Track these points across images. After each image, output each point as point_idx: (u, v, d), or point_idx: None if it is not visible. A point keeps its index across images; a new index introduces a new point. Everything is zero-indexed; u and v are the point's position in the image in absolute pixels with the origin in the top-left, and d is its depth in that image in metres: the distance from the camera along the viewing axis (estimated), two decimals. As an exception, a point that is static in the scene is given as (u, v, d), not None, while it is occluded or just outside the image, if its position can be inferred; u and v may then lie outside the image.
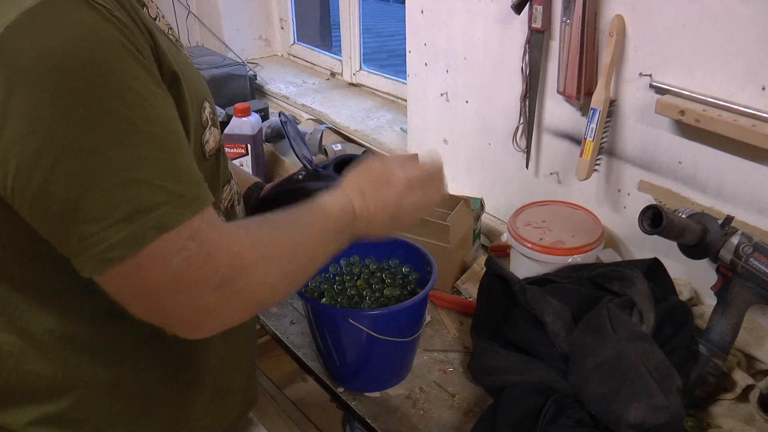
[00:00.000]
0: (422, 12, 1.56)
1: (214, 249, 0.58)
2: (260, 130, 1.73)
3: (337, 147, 1.83)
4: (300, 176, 0.97)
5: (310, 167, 0.97)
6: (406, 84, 1.74)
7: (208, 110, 0.71)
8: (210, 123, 0.71)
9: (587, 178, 1.26)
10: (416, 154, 0.83)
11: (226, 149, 1.64)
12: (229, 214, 0.81)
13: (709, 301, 1.18)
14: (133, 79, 0.54)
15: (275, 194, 0.97)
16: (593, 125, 1.22)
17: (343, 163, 0.99)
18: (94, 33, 0.52)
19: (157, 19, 0.69)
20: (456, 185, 1.66)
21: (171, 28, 0.73)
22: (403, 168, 0.80)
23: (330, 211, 0.74)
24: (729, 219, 1.02)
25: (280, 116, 1.02)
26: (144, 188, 0.54)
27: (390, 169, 0.79)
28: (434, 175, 0.83)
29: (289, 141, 0.97)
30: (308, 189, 0.95)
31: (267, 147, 1.80)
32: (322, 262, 0.73)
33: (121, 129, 0.53)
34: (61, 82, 0.51)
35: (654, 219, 0.98)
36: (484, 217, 1.52)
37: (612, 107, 1.22)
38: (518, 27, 1.33)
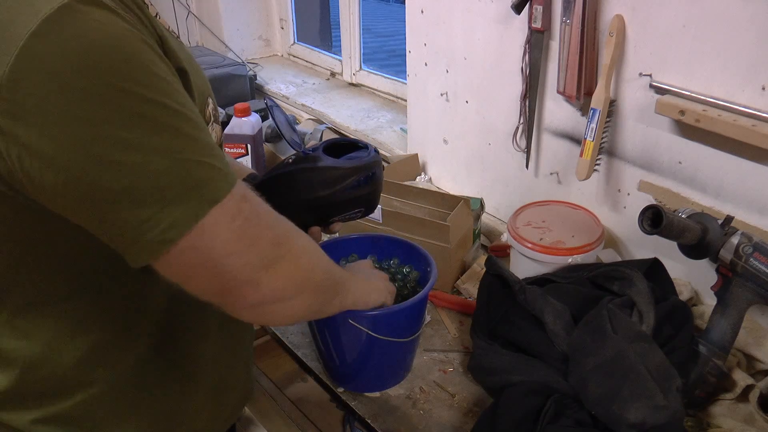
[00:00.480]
0: (422, 12, 1.56)
1: (262, 210, 0.65)
2: (260, 130, 1.73)
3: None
4: (290, 160, 0.97)
5: (299, 151, 0.96)
6: (406, 84, 1.74)
7: (211, 106, 0.73)
8: (212, 119, 0.73)
9: (587, 178, 1.26)
10: None
11: (226, 149, 1.66)
12: None
13: (709, 301, 1.18)
14: (158, 68, 0.57)
15: (268, 179, 0.96)
16: (593, 125, 1.22)
17: (332, 147, 0.98)
18: (115, 31, 0.54)
19: (158, 17, 0.70)
20: (456, 185, 1.66)
21: (169, 27, 0.74)
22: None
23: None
24: (729, 219, 1.02)
25: (265, 100, 1.01)
26: (190, 167, 0.57)
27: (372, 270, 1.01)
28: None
29: (277, 125, 0.96)
30: (298, 171, 0.94)
31: (267, 147, 1.80)
32: (331, 280, 0.79)
33: (158, 115, 0.55)
34: (93, 80, 0.52)
35: (654, 219, 0.98)
36: (484, 217, 1.52)
37: (612, 107, 1.22)
38: (518, 27, 1.33)
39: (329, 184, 0.92)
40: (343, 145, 1.00)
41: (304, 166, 0.94)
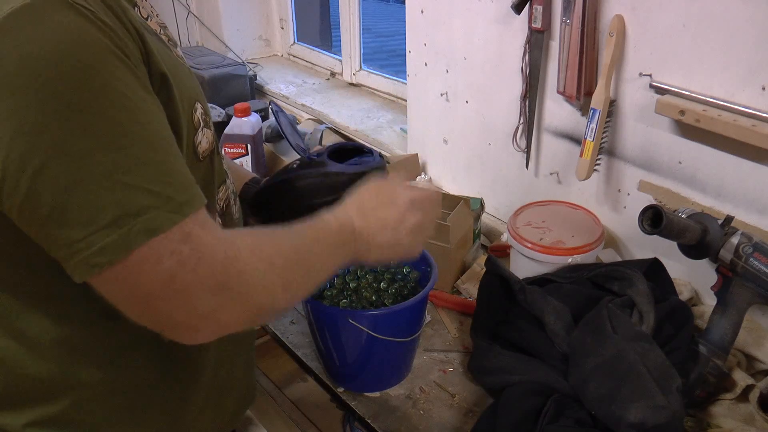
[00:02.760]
0: (422, 12, 1.56)
1: (208, 252, 0.57)
2: (260, 130, 1.74)
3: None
4: (295, 165, 0.97)
5: (304, 156, 0.96)
6: (406, 84, 1.74)
7: (200, 111, 0.70)
8: (202, 124, 0.70)
9: (587, 178, 1.26)
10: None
11: (226, 149, 1.66)
12: (225, 214, 0.81)
13: (709, 301, 1.18)
14: (120, 82, 0.54)
15: (272, 184, 0.96)
16: (593, 125, 1.22)
17: (336, 152, 0.98)
18: (78, 36, 0.52)
19: (149, 19, 0.69)
20: (456, 185, 1.66)
21: (166, 28, 0.73)
22: (407, 188, 0.82)
23: (329, 224, 0.75)
24: (729, 219, 1.02)
25: (271, 106, 1.01)
26: (132, 192, 0.53)
27: (394, 188, 0.82)
28: (435, 198, 0.85)
29: (282, 130, 0.96)
30: (302, 177, 0.93)
31: (267, 147, 1.80)
32: (322, 277, 0.73)
33: (108, 132, 0.53)
34: (46, 87, 0.50)
35: (654, 219, 0.98)
36: (484, 217, 1.52)
37: (612, 107, 1.22)
38: (518, 27, 1.33)
39: (334, 189, 0.91)
40: (348, 150, 1.00)
41: (309, 171, 0.94)
